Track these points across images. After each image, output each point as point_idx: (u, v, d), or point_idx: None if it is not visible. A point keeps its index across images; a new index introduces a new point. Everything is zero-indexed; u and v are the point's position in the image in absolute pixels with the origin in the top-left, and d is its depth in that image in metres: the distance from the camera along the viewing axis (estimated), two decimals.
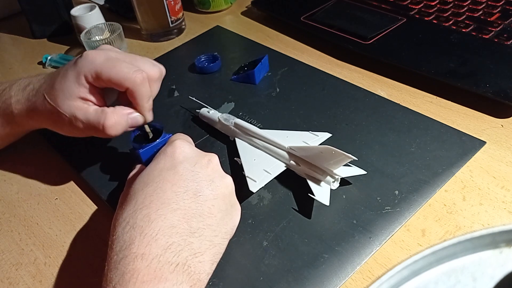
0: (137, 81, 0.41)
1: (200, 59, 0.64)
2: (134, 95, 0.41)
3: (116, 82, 0.41)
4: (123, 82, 0.41)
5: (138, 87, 0.41)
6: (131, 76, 0.41)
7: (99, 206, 0.47)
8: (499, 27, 0.59)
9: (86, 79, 0.41)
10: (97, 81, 0.41)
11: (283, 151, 0.44)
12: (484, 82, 0.51)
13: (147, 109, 0.43)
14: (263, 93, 0.58)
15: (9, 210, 0.48)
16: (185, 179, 0.36)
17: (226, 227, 0.36)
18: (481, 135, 0.47)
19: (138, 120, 0.43)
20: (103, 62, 0.41)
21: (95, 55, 0.41)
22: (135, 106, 0.43)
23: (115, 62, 0.41)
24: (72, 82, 0.41)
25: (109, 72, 0.41)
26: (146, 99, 0.42)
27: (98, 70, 0.41)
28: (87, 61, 0.41)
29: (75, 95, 0.41)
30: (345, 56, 0.63)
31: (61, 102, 0.42)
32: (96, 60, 0.41)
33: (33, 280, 0.41)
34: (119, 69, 0.41)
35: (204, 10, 0.80)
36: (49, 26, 0.80)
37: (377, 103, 0.53)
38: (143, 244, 0.31)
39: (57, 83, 0.42)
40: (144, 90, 0.42)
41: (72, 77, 0.41)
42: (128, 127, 0.43)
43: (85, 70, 0.41)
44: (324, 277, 0.36)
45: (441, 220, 0.40)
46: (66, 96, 0.42)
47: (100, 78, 0.41)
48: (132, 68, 0.41)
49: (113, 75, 0.41)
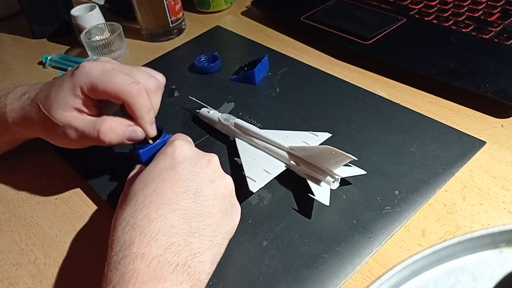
0: (133, 92, 0.40)
1: (200, 59, 0.64)
2: (131, 107, 0.41)
3: (112, 94, 0.40)
4: (119, 94, 0.40)
5: (134, 99, 0.40)
6: (126, 88, 0.40)
7: (99, 206, 0.47)
8: (499, 27, 0.59)
9: (82, 90, 0.41)
10: (93, 93, 0.41)
11: (283, 151, 0.44)
12: (484, 82, 0.51)
13: (148, 122, 0.42)
14: (263, 93, 0.58)
15: (9, 210, 0.48)
16: (185, 179, 0.36)
17: (226, 227, 0.36)
18: (481, 135, 0.47)
19: (137, 134, 0.42)
20: (99, 74, 0.41)
21: (91, 66, 0.41)
22: (135, 119, 0.42)
23: (112, 74, 0.41)
24: (68, 93, 0.41)
25: (105, 84, 0.40)
26: (145, 111, 0.41)
27: (94, 82, 0.40)
28: (83, 73, 0.41)
29: (70, 106, 0.41)
30: (345, 56, 0.63)
31: (55, 112, 0.41)
32: (92, 72, 0.41)
33: (33, 280, 0.41)
34: (115, 81, 0.40)
35: (204, 10, 0.80)
36: (49, 26, 0.80)
37: (377, 103, 0.53)
38: (143, 244, 0.31)
39: (53, 93, 0.42)
40: (142, 102, 0.41)
41: (67, 88, 0.41)
42: (125, 138, 0.42)
43: (81, 82, 0.41)
44: (324, 277, 0.36)
45: (441, 220, 0.40)
46: (61, 107, 0.41)
47: (96, 90, 0.40)
48: (128, 80, 0.41)
49: (109, 88, 0.40)
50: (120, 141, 0.42)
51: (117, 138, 0.41)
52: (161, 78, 0.45)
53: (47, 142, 0.45)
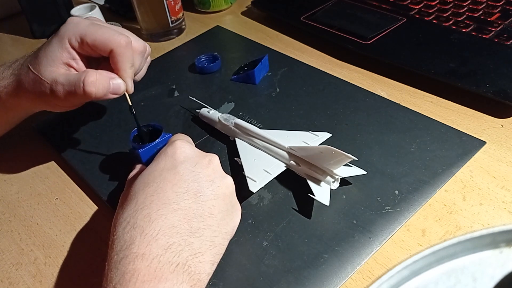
0: (121, 42, 0.41)
1: (200, 59, 0.64)
2: (117, 58, 0.41)
3: (100, 44, 0.41)
4: (108, 43, 0.41)
5: (122, 49, 0.41)
6: (116, 38, 0.41)
7: (99, 206, 0.47)
8: (499, 27, 0.59)
9: (70, 42, 0.41)
10: (81, 46, 0.41)
11: (283, 151, 0.44)
12: (484, 82, 0.51)
13: (129, 76, 0.43)
14: (263, 93, 0.58)
15: (9, 210, 0.48)
16: (186, 179, 0.36)
17: (227, 227, 0.36)
18: (481, 135, 0.47)
19: (120, 87, 0.42)
20: (87, 26, 0.41)
21: (79, 20, 0.42)
22: (117, 72, 0.42)
23: (100, 27, 0.41)
24: (55, 46, 0.41)
25: (94, 34, 0.41)
26: (128, 64, 0.42)
27: (82, 33, 0.41)
28: (71, 25, 0.41)
29: (58, 60, 0.41)
30: (345, 56, 0.63)
31: (43, 68, 0.41)
32: (80, 25, 0.41)
33: (33, 280, 0.41)
34: (104, 31, 0.41)
35: (204, 10, 0.81)
36: (49, 26, 0.80)
37: (377, 103, 0.53)
38: (143, 244, 0.31)
39: (41, 51, 0.42)
40: (128, 55, 0.42)
41: (55, 42, 0.41)
42: (110, 92, 0.42)
43: (69, 33, 0.41)
44: (324, 277, 0.36)
45: (441, 220, 0.40)
46: (49, 62, 0.41)
47: (84, 40, 0.41)
48: (118, 32, 0.41)
49: (97, 37, 0.41)
50: (104, 94, 0.42)
51: (102, 90, 0.41)
52: (148, 47, 0.46)
53: (48, 142, 0.45)
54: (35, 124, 0.58)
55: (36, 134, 0.57)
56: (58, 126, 0.57)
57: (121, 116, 0.57)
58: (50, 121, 0.58)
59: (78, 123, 0.57)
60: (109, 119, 0.57)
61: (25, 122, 0.53)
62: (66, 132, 0.56)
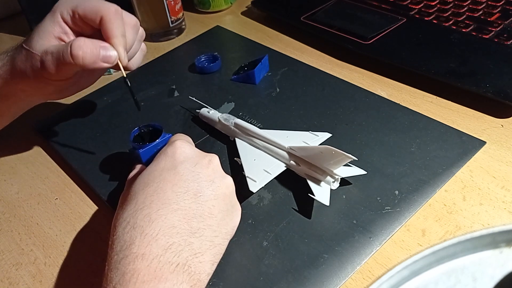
0: (111, 9, 0.41)
1: (200, 59, 0.64)
2: (107, 25, 0.41)
3: (90, 12, 0.41)
4: (97, 10, 0.41)
5: (112, 16, 0.41)
6: (105, 5, 0.41)
7: (99, 206, 0.47)
8: (499, 27, 0.59)
9: (62, 16, 0.42)
10: (73, 19, 0.42)
11: (283, 151, 0.44)
12: (484, 82, 0.51)
13: (121, 44, 0.42)
14: (263, 93, 0.58)
15: (9, 210, 0.48)
16: (186, 179, 0.36)
17: (227, 227, 0.36)
18: (481, 135, 0.47)
19: (111, 54, 0.41)
20: (79, 0, 0.42)
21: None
22: (108, 40, 0.42)
23: (92, 0, 0.42)
24: (47, 21, 0.42)
25: (84, 4, 0.41)
26: (119, 32, 0.42)
27: (73, 5, 0.42)
28: (63, 0, 0.42)
29: (50, 34, 0.42)
30: (345, 56, 0.63)
31: (35, 43, 0.42)
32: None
33: (33, 280, 0.41)
34: (94, 2, 0.42)
35: (204, 10, 0.80)
36: None
37: (377, 103, 0.53)
38: (143, 244, 0.31)
39: (35, 28, 0.43)
40: (119, 22, 0.42)
41: (47, 17, 0.42)
42: (100, 60, 0.41)
43: (61, 7, 0.42)
44: (324, 277, 0.36)
45: (441, 220, 0.40)
46: (41, 36, 0.42)
47: (75, 12, 0.42)
48: (108, 2, 0.42)
49: (88, 8, 0.41)
50: (94, 61, 0.41)
51: (91, 55, 0.40)
52: (142, 29, 0.47)
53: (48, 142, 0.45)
54: (35, 124, 0.58)
55: (36, 134, 0.57)
56: (58, 126, 0.57)
57: (121, 116, 0.57)
58: (50, 121, 0.58)
59: (78, 123, 0.57)
60: (109, 119, 0.57)
61: (25, 122, 0.53)
62: (66, 132, 0.56)
